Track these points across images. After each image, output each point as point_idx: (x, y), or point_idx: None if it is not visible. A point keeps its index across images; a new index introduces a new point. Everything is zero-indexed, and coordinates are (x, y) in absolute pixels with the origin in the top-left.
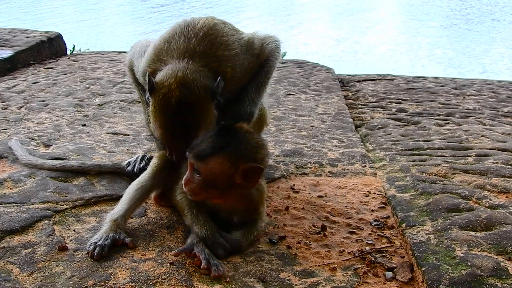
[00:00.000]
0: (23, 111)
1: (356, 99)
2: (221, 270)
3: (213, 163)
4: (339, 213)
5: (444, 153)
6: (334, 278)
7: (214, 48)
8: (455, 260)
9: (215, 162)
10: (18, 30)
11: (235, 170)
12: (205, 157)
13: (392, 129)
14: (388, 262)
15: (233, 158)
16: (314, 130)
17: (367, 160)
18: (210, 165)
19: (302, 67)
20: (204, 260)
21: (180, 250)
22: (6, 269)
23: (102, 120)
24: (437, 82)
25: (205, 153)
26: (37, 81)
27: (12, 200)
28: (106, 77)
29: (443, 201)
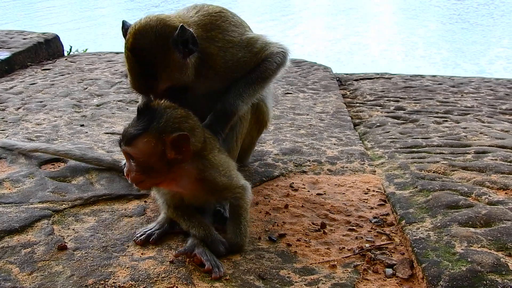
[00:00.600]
0: (21, 112)
1: (354, 97)
2: (222, 272)
3: (140, 144)
4: (338, 210)
5: (442, 150)
6: (334, 275)
7: (211, 26)
8: (455, 257)
9: (142, 142)
10: (15, 31)
11: (163, 145)
12: (131, 140)
13: (391, 127)
14: (388, 259)
15: (157, 133)
16: (313, 128)
17: (366, 158)
18: (139, 147)
19: (300, 66)
20: (207, 262)
21: (181, 252)
22: (6, 268)
23: (100, 120)
24: (434, 80)
25: (131, 137)
26: (34, 82)
27: (11, 200)
28: (103, 78)
29: (442, 197)
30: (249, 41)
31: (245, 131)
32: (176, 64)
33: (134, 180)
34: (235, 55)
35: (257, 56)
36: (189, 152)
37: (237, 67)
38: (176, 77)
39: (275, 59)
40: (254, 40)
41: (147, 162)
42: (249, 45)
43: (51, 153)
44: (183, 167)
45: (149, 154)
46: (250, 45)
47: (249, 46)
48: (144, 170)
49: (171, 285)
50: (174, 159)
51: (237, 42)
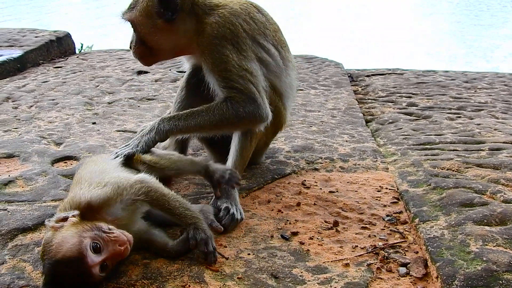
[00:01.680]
0: (34, 110)
1: (366, 93)
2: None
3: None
4: (351, 208)
5: (456, 147)
6: (347, 274)
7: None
8: (470, 255)
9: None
10: (27, 29)
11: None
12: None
13: (403, 124)
14: (401, 257)
15: None
16: (324, 125)
17: (378, 155)
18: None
19: (311, 62)
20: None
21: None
22: (19, 266)
23: (111, 118)
24: (447, 76)
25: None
26: (46, 80)
27: (24, 199)
28: (115, 75)
29: (456, 195)
30: (243, 66)
31: (262, 132)
32: (160, 32)
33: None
34: (222, 52)
35: (226, 83)
36: None
37: (217, 64)
38: (141, 25)
39: (239, 109)
40: (245, 70)
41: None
42: (236, 68)
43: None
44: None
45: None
46: (235, 69)
47: (235, 68)
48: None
49: (183, 283)
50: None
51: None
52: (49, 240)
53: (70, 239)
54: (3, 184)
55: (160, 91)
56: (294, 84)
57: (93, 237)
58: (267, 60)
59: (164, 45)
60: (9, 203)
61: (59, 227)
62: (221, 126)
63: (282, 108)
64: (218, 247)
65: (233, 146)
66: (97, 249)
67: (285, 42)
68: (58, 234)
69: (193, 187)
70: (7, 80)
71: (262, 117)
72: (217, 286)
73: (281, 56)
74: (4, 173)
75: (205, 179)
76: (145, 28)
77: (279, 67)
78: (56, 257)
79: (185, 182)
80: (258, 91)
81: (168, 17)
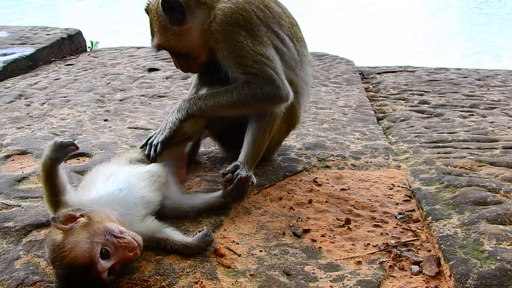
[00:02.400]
0: (46, 107)
1: (377, 91)
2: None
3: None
4: (363, 206)
5: (469, 145)
6: (359, 271)
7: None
8: (483, 254)
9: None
10: (38, 27)
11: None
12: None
13: (415, 121)
14: (414, 255)
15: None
16: (336, 122)
17: (390, 153)
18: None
19: (322, 60)
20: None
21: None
22: (34, 262)
23: (123, 115)
24: (459, 73)
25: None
26: (58, 78)
27: (37, 195)
28: (126, 73)
29: (469, 194)
30: (258, 51)
31: (276, 128)
32: (163, 28)
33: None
34: (236, 39)
35: (243, 70)
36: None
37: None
38: (166, 41)
39: (257, 90)
40: (260, 54)
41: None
42: (253, 54)
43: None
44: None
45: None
46: (252, 55)
47: (251, 54)
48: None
49: (196, 279)
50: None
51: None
52: (61, 244)
53: (83, 245)
54: (16, 181)
55: (171, 88)
56: (309, 81)
57: (103, 243)
58: (282, 49)
59: (192, 46)
60: (23, 199)
61: (68, 229)
62: (240, 106)
63: (297, 106)
64: (230, 243)
65: (246, 139)
66: (106, 254)
67: (301, 38)
68: (70, 238)
69: (205, 183)
70: (19, 77)
71: (282, 97)
72: (229, 283)
73: (296, 49)
74: (18, 169)
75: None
76: (170, 41)
77: (293, 59)
78: (69, 264)
79: (197, 179)
80: (276, 73)
81: (180, 19)
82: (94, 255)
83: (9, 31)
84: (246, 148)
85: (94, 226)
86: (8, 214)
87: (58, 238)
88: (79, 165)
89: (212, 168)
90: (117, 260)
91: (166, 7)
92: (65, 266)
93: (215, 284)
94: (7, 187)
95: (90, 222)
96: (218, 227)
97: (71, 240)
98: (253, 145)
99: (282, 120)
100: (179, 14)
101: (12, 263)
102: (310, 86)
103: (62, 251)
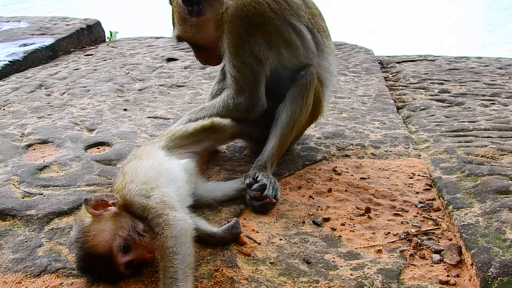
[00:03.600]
0: (66, 97)
1: (397, 80)
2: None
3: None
4: (383, 195)
5: (490, 134)
6: (379, 260)
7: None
8: (505, 243)
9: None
10: (58, 18)
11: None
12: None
13: (435, 110)
14: (435, 244)
15: None
16: (355, 112)
17: (410, 142)
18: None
19: (341, 49)
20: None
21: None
22: (56, 249)
23: (142, 105)
24: (480, 62)
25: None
26: (78, 68)
27: (59, 183)
28: (145, 63)
29: (491, 182)
30: (254, 52)
31: (303, 120)
32: (182, 19)
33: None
34: (240, 35)
35: (229, 69)
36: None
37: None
38: (184, 32)
39: (229, 101)
40: (254, 56)
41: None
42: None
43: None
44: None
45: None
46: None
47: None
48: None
49: (216, 267)
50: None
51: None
52: (86, 228)
53: (106, 235)
54: (38, 169)
55: (190, 78)
56: (333, 71)
57: (125, 238)
58: (296, 43)
59: (210, 38)
60: (45, 187)
61: (98, 214)
62: (224, 116)
63: (322, 98)
64: (250, 232)
65: (273, 132)
66: (127, 249)
67: (324, 28)
68: (96, 225)
69: (224, 172)
70: (40, 67)
71: (249, 110)
72: (249, 271)
73: (316, 40)
74: (39, 158)
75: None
76: (189, 33)
77: (311, 50)
78: (88, 249)
79: (216, 168)
80: (255, 83)
81: (197, 10)
82: (114, 247)
83: (29, 21)
84: (273, 142)
85: (122, 219)
86: (30, 202)
87: (85, 221)
88: (100, 154)
89: (231, 157)
90: (135, 257)
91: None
92: (86, 250)
93: (235, 272)
94: (29, 176)
95: (119, 213)
96: (238, 216)
97: (97, 227)
98: (281, 140)
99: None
100: (197, 6)
101: (34, 250)
102: (335, 76)
103: (86, 235)
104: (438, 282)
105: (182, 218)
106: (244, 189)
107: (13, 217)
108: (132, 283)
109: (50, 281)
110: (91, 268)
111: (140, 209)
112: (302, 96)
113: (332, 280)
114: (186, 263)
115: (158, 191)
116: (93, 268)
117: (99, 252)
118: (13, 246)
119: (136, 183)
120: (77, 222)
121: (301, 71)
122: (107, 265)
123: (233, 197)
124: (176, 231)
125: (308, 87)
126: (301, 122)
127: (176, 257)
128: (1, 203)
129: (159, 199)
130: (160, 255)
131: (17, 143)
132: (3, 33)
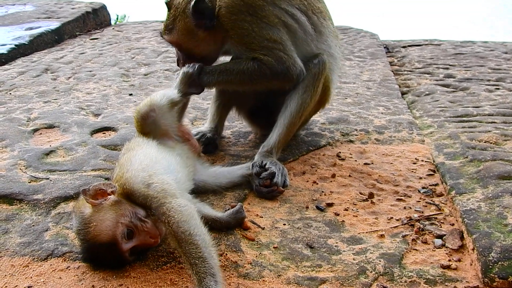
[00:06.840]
0: (72, 82)
1: (402, 65)
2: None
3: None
4: (386, 180)
5: (494, 120)
6: (382, 245)
7: None
8: (507, 228)
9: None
10: (64, 1)
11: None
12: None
13: (440, 96)
14: (437, 229)
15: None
16: (360, 97)
17: (414, 127)
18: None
19: (346, 33)
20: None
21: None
22: (63, 233)
23: (148, 90)
24: (486, 47)
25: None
26: (83, 52)
27: (65, 168)
28: (150, 47)
29: (494, 168)
30: (265, 36)
31: (312, 106)
32: (187, 29)
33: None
34: (241, 26)
35: (255, 54)
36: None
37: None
38: (185, 42)
39: (267, 71)
40: (267, 39)
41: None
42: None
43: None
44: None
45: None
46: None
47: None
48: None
49: (221, 252)
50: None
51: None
52: (87, 219)
53: (108, 224)
54: (44, 154)
55: None
56: (336, 54)
57: (128, 225)
58: (293, 26)
59: (212, 50)
60: (51, 172)
61: (98, 204)
62: (252, 84)
63: (330, 87)
64: (254, 217)
65: (281, 120)
66: (130, 235)
67: (321, 9)
68: (97, 215)
69: (229, 158)
70: (45, 51)
71: (292, 77)
72: (253, 255)
73: (313, 21)
74: (45, 143)
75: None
76: (190, 44)
77: (308, 33)
78: (91, 240)
79: (221, 153)
80: (286, 54)
81: (207, 25)
82: (117, 235)
83: (35, 4)
84: (280, 129)
85: (122, 206)
86: (37, 186)
87: (85, 212)
88: (105, 139)
89: (235, 142)
90: (139, 242)
91: (196, 10)
92: (89, 241)
93: (239, 256)
94: (35, 160)
95: (119, 201)
96: (242, 201)
97: (98, 217)
98: (288, 127)
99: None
100: (208, 21)
101: (41, 234)
102: (340, 59)
103: (87, 226)
104: (439, 267)
105: (185, 204)
106: (250, 175)
107: (20, 202)
108: (138, 267)
109: (57, 264)
110: (96, 257)
111: (142, 198)
112: (313, 85)
113: (335, 264)
114: (207, 241)
115: (157, 178)
116: (98, 258)
117: (103, 241)
118: (20, 230)
119: (134, 171)
120: (76, 213)
121: (314, 59)
122: (112, 253)
123: (238, 183)
124: (184, 216)
125: (319, 76)
126: (309, 111)
127: (196, 238)
128: (8, 187)
129: (160, 188)
130: (176, 241)
131: (24, 127)
132: (9, 16)
